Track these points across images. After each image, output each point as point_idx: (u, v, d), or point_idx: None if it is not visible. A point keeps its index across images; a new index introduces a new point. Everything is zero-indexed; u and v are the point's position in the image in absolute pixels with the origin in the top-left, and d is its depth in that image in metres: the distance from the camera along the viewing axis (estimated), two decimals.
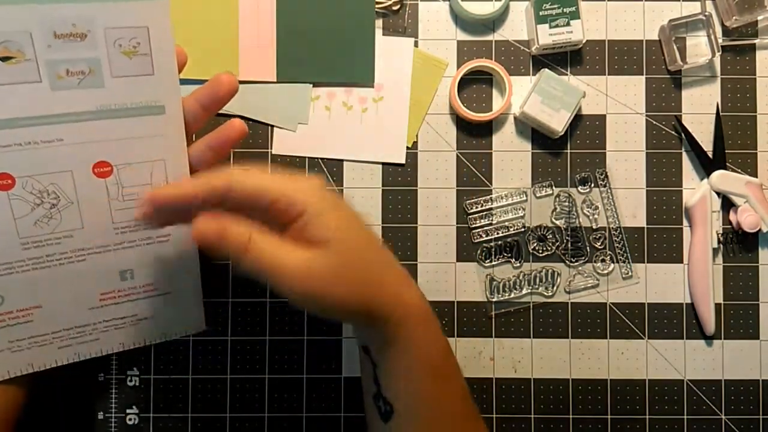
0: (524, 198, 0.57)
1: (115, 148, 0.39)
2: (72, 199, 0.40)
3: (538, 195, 0.57)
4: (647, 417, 0.56)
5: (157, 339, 0.49)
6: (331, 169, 0.57)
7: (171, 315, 0.47)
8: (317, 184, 0.40)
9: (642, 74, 0.57)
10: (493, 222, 0.57)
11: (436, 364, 0.42)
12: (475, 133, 0.57)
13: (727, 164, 0.56)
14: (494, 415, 0.56)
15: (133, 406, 0.56)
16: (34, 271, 0.41)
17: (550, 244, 0.57)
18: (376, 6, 0.56)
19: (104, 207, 0.41)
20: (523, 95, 0.56)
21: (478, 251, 0.57)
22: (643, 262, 0.57)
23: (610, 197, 0.57)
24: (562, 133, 0.56)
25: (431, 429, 0.41)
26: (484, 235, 0.57)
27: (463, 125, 0.57)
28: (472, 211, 0.57)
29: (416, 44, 0.57)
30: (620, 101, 0.57)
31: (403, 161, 0.57)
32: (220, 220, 0.37)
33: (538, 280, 0.56)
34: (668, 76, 0.57)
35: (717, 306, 0.56)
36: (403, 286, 0.42)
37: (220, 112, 0.46)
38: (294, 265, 0.37)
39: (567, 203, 0.57)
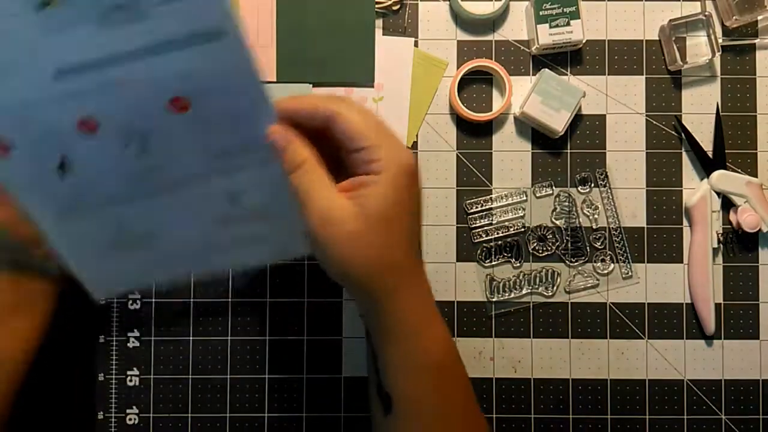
0: (524, 198, 0.57)
1: (184, 81, 0.37)
2: (158, 134, 0.39)
3: (538, 195, 0.57)
4: (647, 417, 0.56)
5: (270, 261, 0.51)
6: None
7: (281, 239, 0.46)
8: (407, 157, 0.40)
9: (642, 74, 0.57)
10: (493, 222, 0.57)
11: (438, 360, 0.41)
12: (475, 133, 0.57)
13: (727, 164, 0.56)
14: (494, 415, 0.56)
15: (133, 406, 0.56)
16: (146, 200, 0.41)
17: (550, 244, 0.57)
18: (376, 6, 0.56)
19: (193, 137, 0.39)
20: (523, 95, 0.56)
21: (478, 251, 0.57)
22: (643, 262, 0.57)
23: (610, 197, 0.57)
24: (562, 133, 0.56)
25: (430, 426, 0.41)
26: (484, 235, 0.57)
27: (463, 125, 0.57)
28: (472, 211, 0.57)
29: (416, 44, 0.57)
30: (620, 101, 0.57)
31: None
32: (291, 134, 0.39)
33: (538, 280, 0.56)
34: (668, 76, 0.57)
35: (717, 306, 0.56)
36: (413, 278, 0.41)
37: None
38: (321, 206, 0.38)
39: (567, 203, 0.57)
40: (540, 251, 0.57)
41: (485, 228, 0.57)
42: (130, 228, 0.43)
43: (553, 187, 0.57)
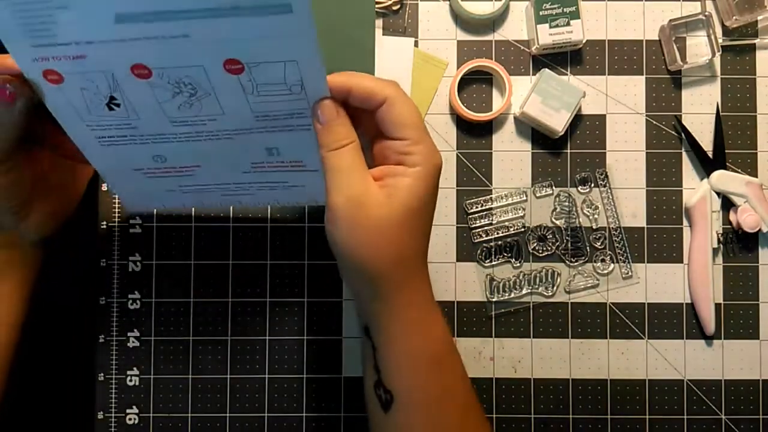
0: (524, 198, 0.57)
1: (243, 46, 0.38)
2: (208, 90, 0.40)
3: (538, 195, 0.57)
4: (647, 417, 0.56)
5: (307, 203, 0.51)
6: None
7: (320, 187, 0.47)
8: (438, 158, 0.41)
9: (642, 74, 0.57)
10: (493, 222, 0.57)
11: (439, 351, 0.41)
12: (475, 133, 0.57)
13: (727, 164, 0.56)
14: (494, 415, 0.56)
15: (133, 406, 0.56)
16: (187, 142, 0.43)
17: (550, 244, 0.57)
18: (376, 6, 0.56)
19: (241, 98, 0.40)
20: (523, 95, 0.56)
21: (478, 251, 0.57)
22: (643, 262, 0.57)
23: (610, 197, 0.57)
24: (562, 133, 0.56)
25: (433, 419, 0.41)
26: (484, 235, 0.57)
27: (463, 125, 0.57)
28: (472, 211, 0.57)
29: (416, 44, 0.57)
30: (620, 101, 0.57)
31: None
32: (342, 111, 0.39)
33: (538, 280, 0.56)
34: (668, 76, 0.57)
35: (717, 306, 0.56)
36: (418, 275, 0.41)
37: None
38: (357, 189, 0.38)
39: (567, 203, 0.57)
40: (540, 251, 0.57)
41: (485, 228, 0.57)
42: (168, 160, 0.44)
43: (553, 187, 0.57)
